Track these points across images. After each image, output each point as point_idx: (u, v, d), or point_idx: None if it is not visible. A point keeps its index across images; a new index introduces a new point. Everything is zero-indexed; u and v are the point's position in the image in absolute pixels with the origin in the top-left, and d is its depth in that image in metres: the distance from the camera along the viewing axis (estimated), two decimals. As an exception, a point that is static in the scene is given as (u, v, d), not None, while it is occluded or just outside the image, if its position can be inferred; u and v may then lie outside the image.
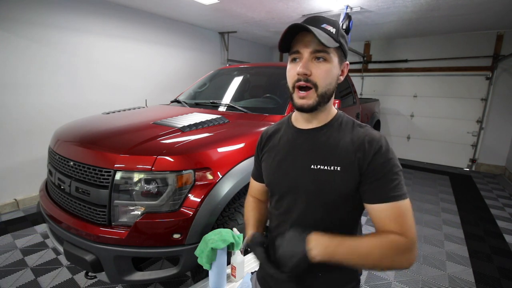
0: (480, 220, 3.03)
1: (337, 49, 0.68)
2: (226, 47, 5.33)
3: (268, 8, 3.54)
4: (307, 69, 0.66)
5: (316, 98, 0.68)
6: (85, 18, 3.27)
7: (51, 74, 3.05)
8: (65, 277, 1.93)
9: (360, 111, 3.68)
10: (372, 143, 0.66)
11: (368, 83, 5.91)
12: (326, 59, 0.67)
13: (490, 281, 2.05)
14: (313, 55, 0.67)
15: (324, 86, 0.68)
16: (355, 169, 0.66)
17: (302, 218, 0.73)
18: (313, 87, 0.67)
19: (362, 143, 0.67)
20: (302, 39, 0.67)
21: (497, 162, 4.86)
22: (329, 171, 0.68)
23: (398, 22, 4.03)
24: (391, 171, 0.65)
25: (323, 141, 0.71)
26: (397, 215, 0.63)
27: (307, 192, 0.71)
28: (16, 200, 2.95)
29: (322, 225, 0.69)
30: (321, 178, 0.68)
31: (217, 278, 1.22)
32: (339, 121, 0.74)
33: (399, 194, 0.63)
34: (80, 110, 3.27)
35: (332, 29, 0.67)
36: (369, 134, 0.68)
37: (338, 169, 0.67)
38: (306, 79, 0.67)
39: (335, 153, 0.68)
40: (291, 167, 0.74)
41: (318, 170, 0.69)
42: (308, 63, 0.67)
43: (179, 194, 1.35)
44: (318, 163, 0.69)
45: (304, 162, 0.72)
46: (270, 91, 2.43)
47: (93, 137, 1.60)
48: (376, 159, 0.65)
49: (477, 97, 4.86)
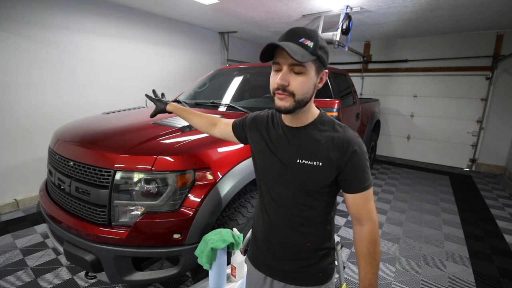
0: (480, 220, 3.03)
1: (314, 61, 0.75)
2: (226, 47, 5.33)
3: (268, 8, 3.54)
4: (285, 80, 0.75)
5: (293, 103, 0.76)
6: (86, 18, 3.27)
7: (52, 74, 3.05)
8: (65, 277, 1.93)
9: (360, 111, 3.68)
10: (349, 144, 0.78)
11: (368, 83, 5.91)
12: (302, 72, 0.74)
13: (490, 281, 2.05)
14: (291, 67, 0.74)
15: (301, 94, 0.76)
16: (334, 165, 0.79)
17: (289, 203, 0.85)
18: (290, 96, 0.75)
19: (341, 143, 0.79)
20: (282, 52, 0.74)
21: (497, 162, 4.86)
22: (312, 165, 0.79)
23: (398, 22, 4.03)
24: (363, 167, 0.79)
25: (308, 139, 0.82)
26: (364, 201, 0.81)
27: (293, 182, 0.83)
28: (16, 200, 2.95)
29: (306, 207, 0.84)
30: (306, 170, 0.80)
31: (217, 278, 1.22)
32: (322, 121, 0.84)
33: (368, 184, 0.80)
34: (80, 110, 3.28)
35: (310, 43, 0.73)
36: (347, 135, 0.80)
37: (320, 164, 0.79)
38: (284, 89, 0.75)
39: (318, 151, 0.80)
40: (279, 160, 0.85)
41: (303, 164, 0.80)
42: (287, 74, 0.75)
43: (179, 194, 1.35)
44: (303, 158, 0.81)
45: (292, 156, 0.83)
46: (270, 91, 2.43)
47: (93, 137, 1.60)
48: (352, 158, 0.78)
49: (477, 97, 4.86)
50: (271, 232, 0.90)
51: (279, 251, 0.89)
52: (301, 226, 0.86)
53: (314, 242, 0.87)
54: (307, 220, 0.85)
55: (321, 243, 0.88)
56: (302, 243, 0.87)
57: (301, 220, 0.85)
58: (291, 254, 0.88)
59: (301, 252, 0.88)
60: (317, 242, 0.87)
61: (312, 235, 0.86)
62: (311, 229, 0.86)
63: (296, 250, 0.88)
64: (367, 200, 0.81)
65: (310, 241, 0.87)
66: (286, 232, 0.87)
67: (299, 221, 0.85)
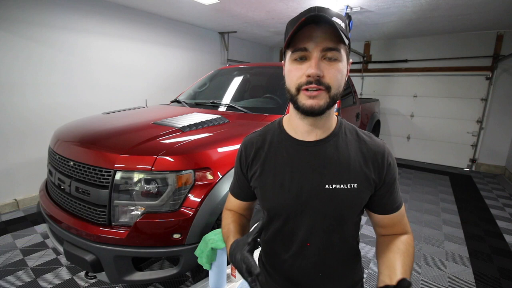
0: (480, 220, 3.03)
1: (346, 46, 0.60)
2: (226, 47, 5.33)
3: (268, 8, 3.54)
4: (320, 69, 0.58)
5: (328, 100, 0.60)
6: (84, 18, 3.26)
7: (60, 74, 3.05)
8: (65, 277, 1.93)
9: (360, 111, 3.68)
10: (383, 157, 0.66)
11: (368, 83, 5.91)
12: (337, 58, 0.59)
13: (490, 281, 2.05)
14: (324, 53, 0.58)
15: (337, 87, 0.60)
16: (371, 184, 0.66)
17: (313, 237, 0.69)
18: (325, 90, 0.59)
19: (373, 156, 0.66)
20: (310, 34, 0.57)
21: (497, 162, 4.86)
22: (346, 189, 0.64)
23: (398, 22, 4.03)
24: (396, 182, 0.69)
25: (334, 156, 0.66)
26: (401, 218, 0.70)
27: (322, 212, 0.66)
28: (16, 200, 2.95)
29: (334, 239, 0.69)
30: (339, 197, 0.64)
31: (217, 278, 1.22)
32: (343, 129, 0.69)
33: (400, 202, 0.70)
34: (80, 110, 3.28)
35: (342, 24, 0.59)
36: (377, 145, 0.67)
37: (355, 186, 0.64)
38: (318, 81, 0.58)
39: (349, 170, 0.65)
40: (300, 188, 0.66)
41: (334, 189, 0.64)
42: (319, 62, 0.58)
43: (179, 194, 1.35)
44: (333, 182, 0.64)
45: (316, 181, 0.65)
46: (270, 91, 2.43)
47: (93, 137, 1.60)
48: (388, 174, 0.67)
49: (477, 97, 4.86)
50: (295, 274, 0.72)
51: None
52: (334, 263, 0.71)
53: (345, 278, 0.74)
54: (338, 255, 0.71)
55: (352, 275, 0.75)
56: (332, 283, 0.72)
57: (331, 256, 0.70)
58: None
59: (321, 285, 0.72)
60: (349, 277, 0.74)
61: (342, 272, 0.73)
62: (341, 266, 0.72)
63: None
64: (403, 216, 0.70)
65: (340, 279, 0.73)
66: (315, 273, 0.71)
67: (332, 258, 0.70)
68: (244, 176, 0.78)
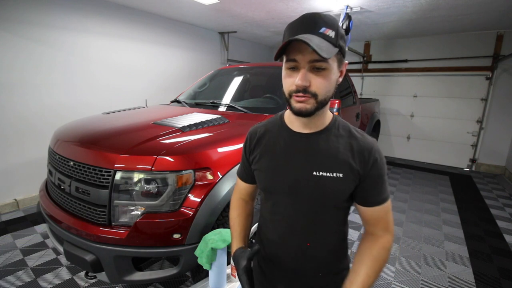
0: (480, 220, 3.03)
1: (336, 53, 0.64)
2: (226, 47, 5.33)
3: (268, 8, 3.54)
4: (306, 80, 0.64)
5: (315, 104, 0.67)
6: (84, 18, 3.26)
7: (60, 74, 3.05)
8: (65, 277, 1.93)
9: (360, 111, 3.68)
10: (370, 153, 0.71)
11: (368, 83, 5.91)
12: (324, 68, 0.64)
13: (490, 281, 2.05)
14: (311, 64, 0.63)
15: (324, 94, 0.66)
16: (355, 176, 0.71)
17: (299, 219, 0.76)
18: (312, 97, 0.65)
19: (361, 151, 0.71)
20: (299, 46, 0.62)
21: (497, 162, 4.86)
22: (331, 177, 0.71)
23: (398, 22, 4.03)
24: (383, 177, 0.73)
25: (324, 147, 0.73)
26: (384, 214, 0.74)
27: (309, 197, 0.73)
28: (16, 200, 2.95)
29: (318, 223, 0.76)
30: (324, 184, 0.71)
31: (217, 278, 1.22)
32: (337, 126, 0.76)
33: (385, 198, 0.73)
34: (80, 110, 3.27)
35: (331, 33, 0.63)
36: (367, 142, 0.73)
37: (340, 175, 0.70)
38: (305, 90, 0.64)
39: (336, 160, 0.71)
40: (291, 172, 0.74)
41: (321, 176, 0.71)
42: (307, 73, 0.64)
43: (179, 194, 1.35)
44: (320, 170, 0.71)
45: (305, 168, 0.73)
46: (270, 91, 2.43)
47: (93, 137, 1.60)
48: (373, 169, 0.71)
49: (477, 97, 4.86)
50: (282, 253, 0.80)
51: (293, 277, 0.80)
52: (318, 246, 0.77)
53: (329, 264, 0.79)
54: (322, 239, 0.77)
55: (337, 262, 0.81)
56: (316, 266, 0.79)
57: (315, 239, 0.77)
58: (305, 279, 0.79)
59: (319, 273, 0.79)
60: (333, 263, 0.80)
61: (326, 257, 0.78)
62: (325, 251, 0.78)
63: (311, 274, 0.79)
64: (386, 212, 0.74)
65: (325, 263, 0.79)
66: (300, 254, 0.78)
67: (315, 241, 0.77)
68: (247, 160, 0.87)
